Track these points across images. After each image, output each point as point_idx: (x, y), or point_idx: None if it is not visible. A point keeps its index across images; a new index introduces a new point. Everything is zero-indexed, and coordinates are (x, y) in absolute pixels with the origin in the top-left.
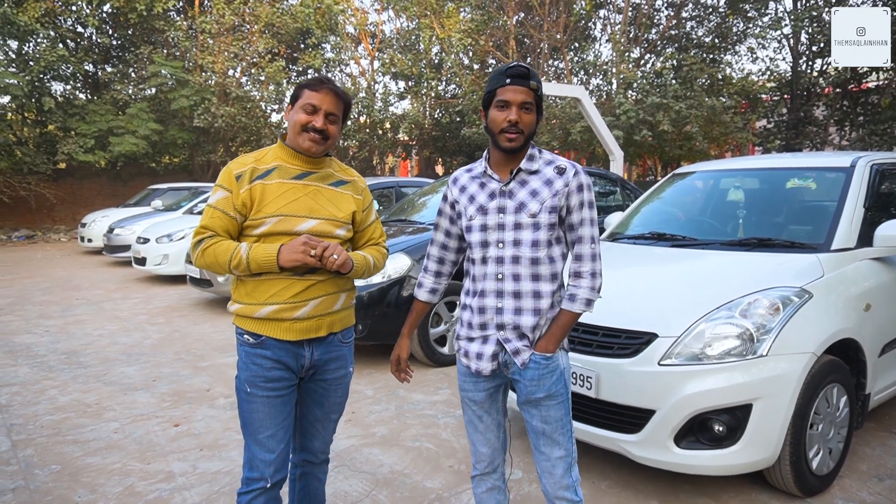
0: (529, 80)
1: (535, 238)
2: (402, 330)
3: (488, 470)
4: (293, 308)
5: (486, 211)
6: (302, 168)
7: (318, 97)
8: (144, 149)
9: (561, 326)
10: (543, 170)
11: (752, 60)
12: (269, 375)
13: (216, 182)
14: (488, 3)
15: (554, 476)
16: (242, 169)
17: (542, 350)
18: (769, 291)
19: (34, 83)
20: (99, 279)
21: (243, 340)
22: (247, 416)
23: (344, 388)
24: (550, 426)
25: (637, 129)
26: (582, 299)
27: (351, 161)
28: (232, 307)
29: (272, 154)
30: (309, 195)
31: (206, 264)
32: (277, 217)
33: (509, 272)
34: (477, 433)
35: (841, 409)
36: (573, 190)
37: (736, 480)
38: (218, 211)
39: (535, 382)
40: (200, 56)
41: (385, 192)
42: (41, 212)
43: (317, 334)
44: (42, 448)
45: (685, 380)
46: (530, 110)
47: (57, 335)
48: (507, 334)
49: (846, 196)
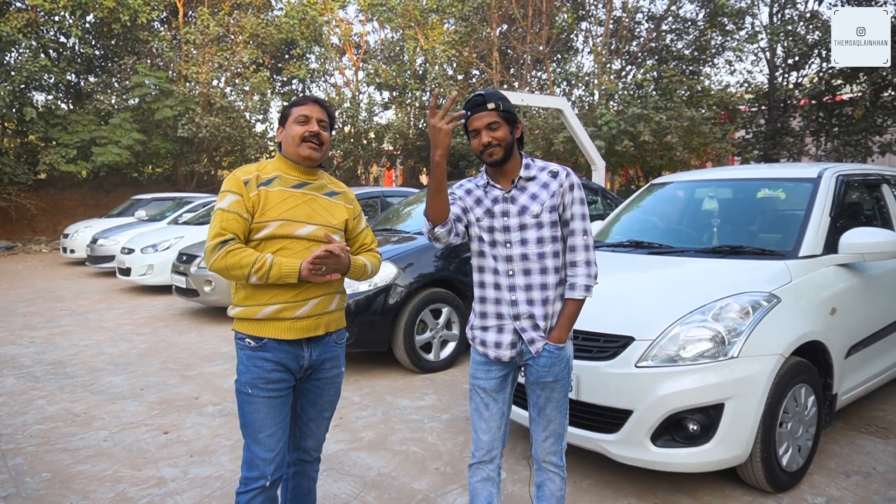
0: (486, 105)
1: (539, 236)
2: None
3: (485, 459)
4: (294, 307)
5: (492, 214)
6: (300, 178)
7: (307, 108)
8: (128, 159)
9: (568, 316)
10: (539, 175)
11: (730, 73)
12: (269, 377)
13: (223, 188)
14: (472, 15)
15: (545, 445)
16: (248, 176)
17: (555, 340)
18: (740, 296)
19: (15, 93)
20: (83, 290)
21: (245, 344)
22: (248, 417)
23: (336, 387)
24: (552, 405)
25: (619, 140)
26: (581, 286)
27: (336, 171)
28: (232, 311)
29: (272, 165)
30: (307, 203)
31: (225, 266)
32: (280, 221)
33: (519, 268)
34: (481, 420)
35: (809, 409)
36: (566, 189)
37: (712, 478)
38: (232, 214)
39: (547, 369)
40: (185, 66)
41: (370, 201)
42: (21, 222)
43: (315, 333)
44: (32, 457)
45: (661, 381)
46: (497, 127)
47: (42, 346)
48: (522, 324)
49: (813, 205)
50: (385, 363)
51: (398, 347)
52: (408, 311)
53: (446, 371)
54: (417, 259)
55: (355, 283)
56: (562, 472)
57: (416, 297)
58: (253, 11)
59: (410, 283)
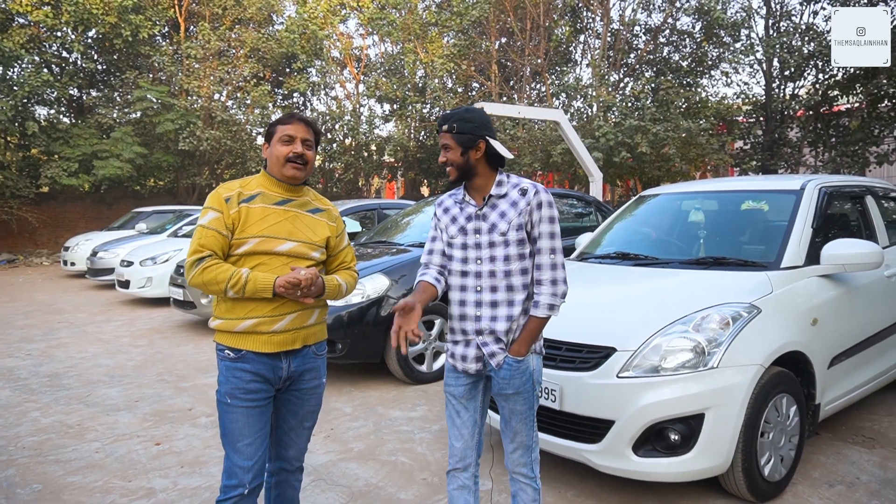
0: (443, 125)
1: (506, 254)
2: (407, 298)
3: (459, 466)
4: (271, 322)
5: (465, 231)
6: (283, 195)
7: (291, 128)
8: (129, 172)
9: (529, 331)
10: (510, 193)
11: (727, 84)
12: (248, 388)
13: (205, 205)
14: (470, 28)
15: (514, 456)
16: (230, 193)
17: (514, 353)
18: (721, 307)
19: (18, 108)
20: (82, 302)
21: (224, 356)
22: (227, 426)
23: (317, 397)
24: (516, 417)
25: (616, 151)
26: (545, 304)
27: (337, 183)
28: (213, 323)
29: (256, 182)
30: (289, 220)
31: (202, 282)
32: (259, 238)
33: (487, 285)
34: (454, 427)
35: (791, 418)
36: (534, 207)
37: (695, 488)
38: (212, 230)
39: (507, 381)
40: (186, 80)
41: (368, 213)
42: (23, 235)
43: (293, 346)
44: (24, 468)
45: (642, 391)
46: (449, 149)
47: (39, 358)
48: (484, 338)
49: (795, 217)
50: (378, 374)
51: (391, 359)
52: None
53: (438, 382)
54: (410, 271)
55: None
56: (534, 483)
57: None
58: (254, 26)
59: (403, 294)
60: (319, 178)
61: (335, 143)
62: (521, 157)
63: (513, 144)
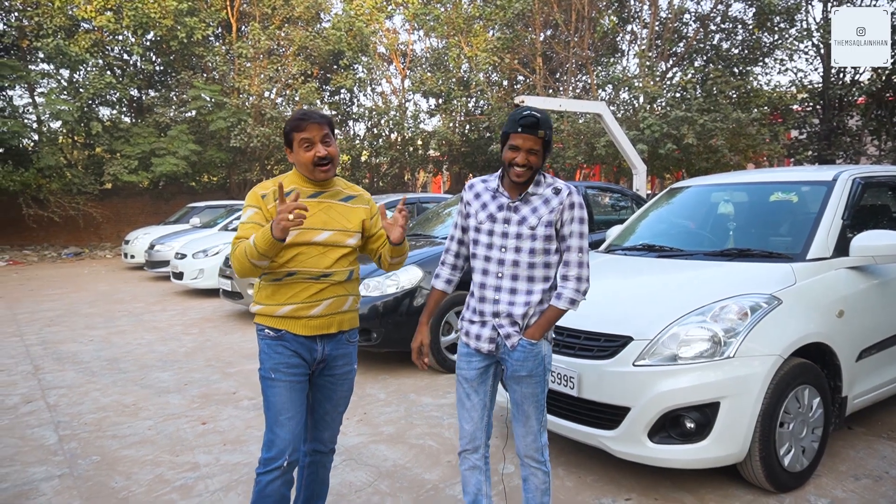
0: (538, 130)
1: (532, 247)
2: (420, 320)
3: (469, 447)
4: (309, 307)
5: (494, 219)
6: (315, 189)
7: (306, 132)
8: (184, 169)
9: (547, 319)
10: (544, 191)
11: (781, 72)
12: (290, 362)
13: (245, 204)
14: (515, 21)
15: (526, 440)
16: (266, 190)
17: (529, 336)
18: (740, 298)
19: (83, 109)
20: (140, 293)
21: (265, 335)
22: (271, 400)
23: (349, 383)
24: (528, 401)
25: (662, 143)
26: (567, 298)
27: (383, 178)
28: (254, 308)
29: (288, 180)
30: (323, 210)
31: (238, 265)
32: (296, 230)
33: (508, 273)
34: (463, 410)
35: (814, 410)
36: (566, 207)
37: (715, 476)
38: (250, 223)
39: (520, 363)
40: (237, 79)
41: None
42: (88, 230)
43: (328, 331)
44: (84, 442)
45: (657, 379)
46: (536, 154)
47: (100, 344)
48: (500, 320)
49: (825, 208)
50: (411, 363)
51: None
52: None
53: None
54: None
55: (383, 286)
56: (543, 467)
57: (442, 300)
58: (302, 24)
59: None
60: (366, 172)
61: (381, 139)
62: (565, 150)
63: (557, 137)
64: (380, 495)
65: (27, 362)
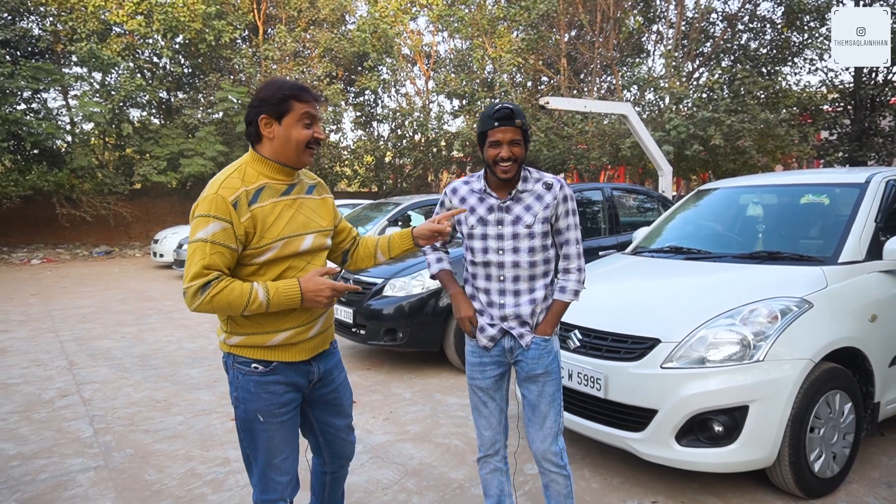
0: (514, 119)
1: (531, 245)
2: (452, 294)
3: (490, 452)
4: (307, 329)
5: (485, 223)
6: (286, 182)
7: (312, 107)
8: (212, 169)
9: (555, 313)
10: (534, 187)
11: (811, 72)
12: (282, 401)
13: (202, 211)
14: (539, 22)
15: (544, 444)
16: (236, 194)
17: (541, 333)
18: (770, 301)
19: (115, 111)
20: (169, 291)
21: (251, 370)
22: (261, 445)
23: (349, 388)
24: (545, 399)
25: (688, 144)
26: (571, 290)
27: (406, 179)
28: (232, 340)
29: (253, 171)
30: (298, 210)
31: (213, 310)
32: (282, 240)
33: (510, 275)
34: (481, 418)
35: (845, 416)
36: (560, 201)
37: (743, 481)
38: (219, 246)
39: (536, 360)
40: (264, 81)
41: (431, 208)
42: (118, 229)
43: (324, 348)
44: (119, 435)
45: (685, 382)
46: (518, 144)
47: (132, 341)
48: (510, 323)
49: (857, 211)
50: (437, 363)
51: (449, 348)
52: None
53: None
54: None
55: (409, 286)
56: (563, 471)
57: None
58: (327, 27)
59: (461, 286)
60: (390, 173)
61: (405, 140)
62: (590, 152)
63: (581, 139)
64: (406, 493)
65: (62, 358)
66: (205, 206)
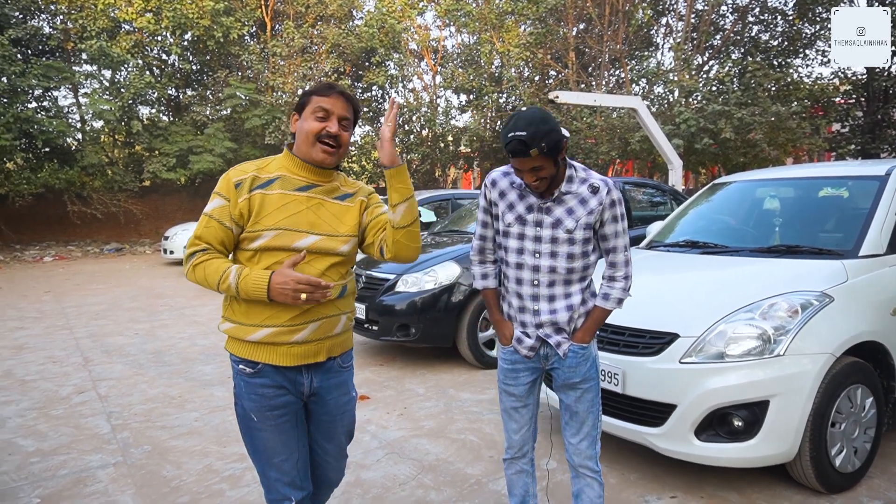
0: (528, 153)
1: (570, 251)
2: (493, 320)
3: (518, 455)
4: (291, 332)
5: (524, 222)
6: (308, 180)
7: (328, 101)
8: (221, 166)
9: (595, 321)
10: (579, 189)
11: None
12: (274, 404)
13: (215, 190)
14: (547, 16)
15: (580, 449)
16: (242, 177)
17: (579, 341)
18: (790, 295)
19: (124, 108)
20: (180, 288)
21: (239, 370)
22: (257, 444)
23: (350, 414)
24: (583, 406)
25: (698, 138)
26: (615, 299)
27: (414, 174)
28: (223, 326)
29: (277, 163)
30: (311, 208)
31: (195, 280)
32: (276, 231)
33: (545, 280)
34: (512, 422)
35: (867, 410)
36: (606, 206)
37: (762, 476)
38: (214, 220)
39: (573, 369)
40: (272, 77)
41: (442, 203)
42: (129, 226)
43: (315, 359)
44: (136, 432)
45: (704, 377)
46: (542, 168)
47: (145, 337)
48: (546, 330)
49: (878, 204)
50: (449, 359)
51: (462, 343)
52: (471, 309)
53: None
54: None
55: (421, 282)
56: (598, 478)
57: (480, 296)
58: (335, 22)
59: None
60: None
61: (412, 135)
62: (599, 146)
63: (590, 133)
64: (424, 489)
65: (77, 354)
66: (218, 185)
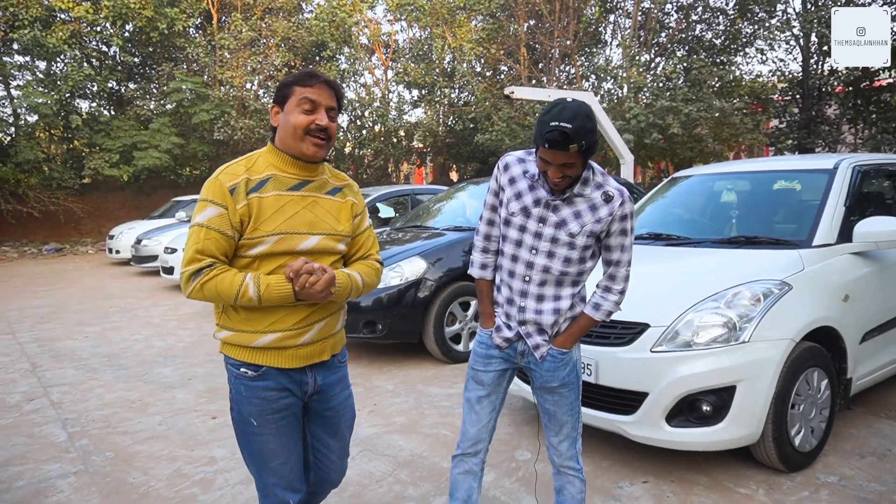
0: (568, 147)
1: (568, 255)
2: (481, 311)
3: (470, 451)
4: (297, 334)
5: (528, 214)
6: (299, 177)
7: (313, 91)
8: (167, 162)
9: (580, 328)
10: (592, 194)
11: (762, 62)
12: (275, 407)
13: (202, 196)
14: (499, 11)
15: (560, 451)
16: (235, 181)
17: (559, 346)
18: (752, 284)
19: (62, 102)
20: (129, 288)
21: (240, 374)
22: (256, 448)
23: (351, 409)
24: (562, 409)
25: (647, 133)
26: (605, 311)
27: (367, 170)
28: (221, 335)
29: (264, 161)
30: (308, 208)
31: (203, 298)
32: (278, 235)
33: (537, 278)
34: (472, 413)
35: (822, 392)
36: (617, 219)
37: (727, 458)
38: (213, 231)
39: (551, 373)
40: (219, 71)
41: (401, 199)
42: (69, 225)
43: (320, 358)
44: (96, 438)
45: (674, 365)
46: (573, 167)
47: (97, 340)
48: (528, 329)
49: (828, 196)
50: (416, 354)
51: (428, 338)
52: (438, 304)
53: None
54: (446, 254)
55: (387, 278)
56: (580, 475)
57: (446, 291)
58: (284, 15)
59: (440, 276)
60: (350, 164)
61: (364, 130)
62: None
63: None
64: (401, 484)
65: (24, 360)
66: (205, 191)
